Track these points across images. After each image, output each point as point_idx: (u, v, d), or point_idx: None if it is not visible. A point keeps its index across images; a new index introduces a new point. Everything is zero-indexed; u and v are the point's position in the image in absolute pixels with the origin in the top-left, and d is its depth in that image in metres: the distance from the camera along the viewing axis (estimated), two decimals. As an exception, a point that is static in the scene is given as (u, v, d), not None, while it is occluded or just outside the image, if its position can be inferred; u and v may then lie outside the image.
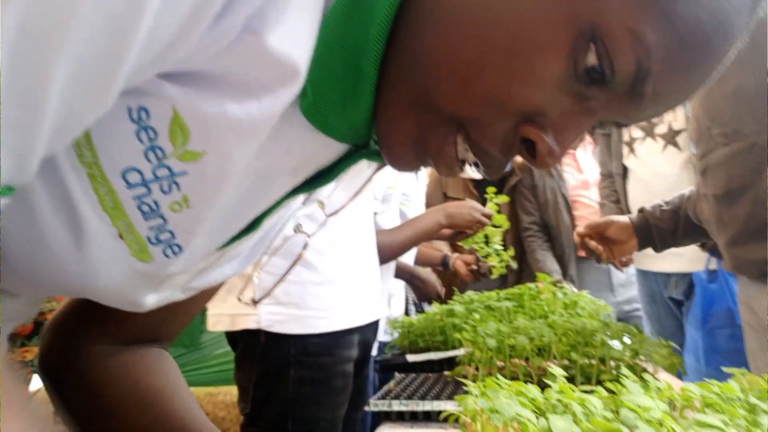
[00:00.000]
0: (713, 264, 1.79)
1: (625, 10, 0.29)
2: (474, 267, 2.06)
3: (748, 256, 1.14)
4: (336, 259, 1.12)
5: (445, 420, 0.67)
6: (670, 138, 1.99)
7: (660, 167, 2.02)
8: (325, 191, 0.48)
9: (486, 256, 1.97)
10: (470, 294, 1.66)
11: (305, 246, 0.54)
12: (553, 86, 0.33)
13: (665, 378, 1.20)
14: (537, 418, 0.55)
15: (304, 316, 1.06)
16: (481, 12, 0.32)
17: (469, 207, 1.59)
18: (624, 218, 1.48)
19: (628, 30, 0.30)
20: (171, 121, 0.32)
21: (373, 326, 1.24)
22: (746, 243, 1.13)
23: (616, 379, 1.06)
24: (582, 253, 2.63)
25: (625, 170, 2.16)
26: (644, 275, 2.19)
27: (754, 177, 1.09)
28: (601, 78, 0.32)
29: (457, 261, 2.11)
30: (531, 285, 1.61)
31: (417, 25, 0.34)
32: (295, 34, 0.32)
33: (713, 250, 1.71)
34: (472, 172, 0.39)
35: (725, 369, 0.67)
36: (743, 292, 1.27)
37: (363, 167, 0.44)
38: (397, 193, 1.68)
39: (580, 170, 2.74)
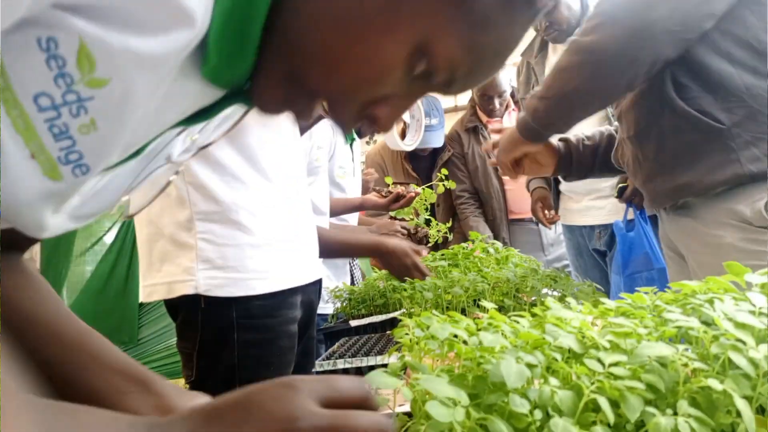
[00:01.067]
0: (630, 214, 1.91)
1: (446, 40, 0.44)
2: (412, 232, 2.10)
3: (661, 188, 1.20)
4: (270, 221, 1.11)
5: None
6: (584, 97, 2.09)
7: (578, 127, 2.11)
8: (197, 127, 0.55)
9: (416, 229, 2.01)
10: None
11: (176, 173, 0.58)
12: (394, 82, 0.46)
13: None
14: (469, 337, 0.58)
15: (244, 278, 1.05)
16: (350, 24, 0.43)
17: (408, 256, 1.48)
18: (552, 141, 1.50)
19: (447, 52, 0.44)
20: (78, 50, 0.36)
21: (315, 286, 1.24)
22: (658, 176, 1.20)
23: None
24: (513, 216, 2.74)
25: (547, 133, 2.25)
26: (570, 230, 2.31)
27: (655, 116, 1.17)
28: (426, 78, 0.46)
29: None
30: (464, 244, 1.66)
31: (298, 10, 0.43)
32: None
33: (629, 200, 1.83)
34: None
35: (641, 289, 0.73)
36: (663, 228, 1.35)
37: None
38: (324, 165, 1.69)
39: (507, 135, 2.83)
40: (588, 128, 2.08)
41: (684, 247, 1.22)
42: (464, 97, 3.20)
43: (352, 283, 2.04)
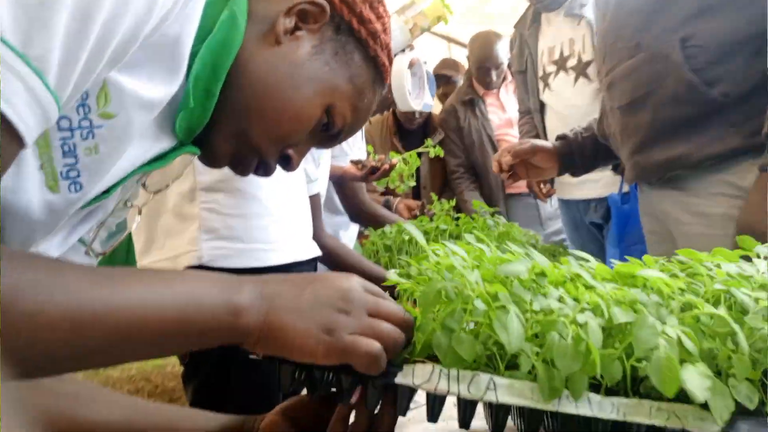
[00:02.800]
0: (625, 187, 1.91)
1: (343, 104, 0.65)
2: (417, 212, 2.09)
3: (651, 161, 1.19)
4: (275, 192, 1.07)
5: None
6: (581, 69, 2.07)
7: (573, 99, 2.10)
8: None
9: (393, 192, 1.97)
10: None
11: (140, 213, 0.65)
12: (307, 133, 0.64)
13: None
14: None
15: (251, 249, 1.01)
16: (285, 93, 0.60)
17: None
18: (547, 144, 1.52)
19: (342, 112, 0.65)
20: (100, 89, 0.47)
21: (313, 265, 1.22)
22: (648, 148, 1.18)
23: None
24: (510, 190, 2.73)
25: (541, 105, 2.24)
26: (566, 204, 2.31)
27: (655, 85, 1.14)
28: (326, 130, 0.66)
29: (400, 204, 2.13)
30: (466, 217, 1.66)
31: (248, 79, 0.58)
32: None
33: (623, 173, 1.83)
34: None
35: (629, 257, 0.72)
36: (644, 203, 1.35)
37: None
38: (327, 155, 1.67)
39: (503, 109, 2.81)
40: (581, 99, 2.08)
41: (672, 220, 1.21)
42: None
43: None
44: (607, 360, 0.46)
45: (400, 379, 0.46)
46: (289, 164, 0.66)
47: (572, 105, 2.10)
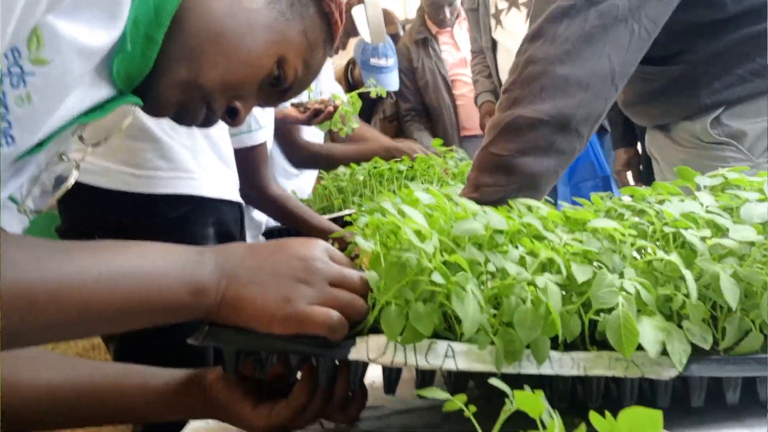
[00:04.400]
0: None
1: (295, 58, 0.61)
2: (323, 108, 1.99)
3: (638, 114, 1.21)
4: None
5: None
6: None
7: (523, 34, 2.07)
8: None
9: None
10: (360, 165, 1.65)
11: (77, 167, 0.60)
12: (257, 84, 0.61)
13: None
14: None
15: (117, 170, 0.92)
16: (238, 38, 0.57)
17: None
18: None
19: (294, 66, 0.62)
20: (31, 32, 0.43)
21: (232, 210, 1.10)
22: (636, 105, 1.19)
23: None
24: (465, 132, 2.71)
25: (494, 44, 2.19)
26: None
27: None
28: (276, 84, 0.62)
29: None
30: (423, 156, 1.63)
31: (196, 25, 0.55)
32: None
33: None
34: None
35: (594, 195, 0.72)
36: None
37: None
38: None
39: (457, 48, 2.74)
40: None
41: (660, 158, 1.25)
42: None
43: None
44: (566, 317, 0.46)
45: (354, 354, 0.44)
46: (236, 116, 0.62)
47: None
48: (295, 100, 1.66)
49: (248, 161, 1.31)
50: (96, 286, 0.42)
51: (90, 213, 0.95)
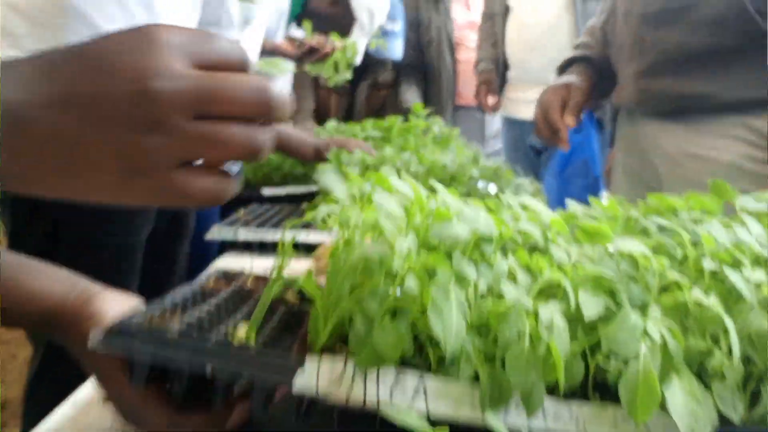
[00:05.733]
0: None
1: None
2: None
3: (664, 90, 0.97)
4: (116, 4, 0.78)
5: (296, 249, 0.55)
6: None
7: (541, 7, 1.93)
8: None
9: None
10: (332, 124, 1.51)
11: None
12: None
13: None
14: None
15: None
16: None
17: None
18: (579, 82, 1.13)
19: None
20: None
21: None
22: (664, 74, 0.96)
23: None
24: (460, 102, 2.56)
25: (506, 10, 2.05)
26: (510, 123, 2.20)
27: None
28: None
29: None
30: (401, 118, 1.49)
31: None
32: None
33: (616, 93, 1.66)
34: None
35: (592, 199, 0.60)
36: (629, 133, 1.13)
37: None
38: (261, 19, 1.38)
39: (468, 7, 2.56)
40: (548, 7, 1.89)
41: (665, 158, 1.01)
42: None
43: None
44: (569, 359, 0.35)
45: (300, 382, 0.32)
46: None
47: (539, 13, 1.93)
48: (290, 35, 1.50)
49: None
50: None
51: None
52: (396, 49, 2.35)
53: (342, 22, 1.51)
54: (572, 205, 0.57)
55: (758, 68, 0.86)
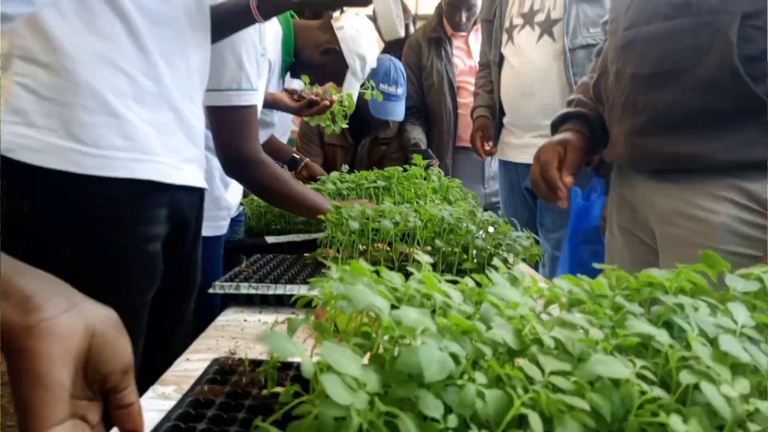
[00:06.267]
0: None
1: None
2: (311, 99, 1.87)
3: (656, 149, 0.98)
4: (118, 85, 0.80)
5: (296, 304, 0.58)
6: (547, 27, 1.96)
7: (533, 57, 2.00)
8: None
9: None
10: (338, 174, 1.55)
11: None
12: None
13: (524, 268, 1.21)
14: (392, 308, 0.46)
15: (64, 147, 0.77)
16: None
17: None
18: (574, 138, 1.17)
19: None
20: None
21: (192, 198, 0.96)
22: (657, 134, 0.97)
23: (477, 269, 1.05)
24: (460, 143, 2.62)
25: (501, 59, 2.12)
26: (506, 166, 2.24)
27: (692, 61, 0.91)
28: None
29: (305, 171, 1.94)
30: (400, 168, 1.53)
31: None
32: None
33: (597, 169, 1.69)
34: None
35: (596, 265, 0.63)
36: (622, 190, 1.14)
37: None
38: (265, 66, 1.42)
39: (470, 56, 2.65)
40: (540, 58, 1.95)
41: (658, 217, 1.02)
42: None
43: None
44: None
45: None
46: None
47: (531, 62, 2.00)
48: (289, 87, 1.55)
49: (233, 123, 1.15)
50: None
51: (22, 194, 0.78)
52: (398, 112, 2.44)
53: (334, 70, 1.57)
54: (561, 283, 0.59)
55: (751, 130, 0.88)
